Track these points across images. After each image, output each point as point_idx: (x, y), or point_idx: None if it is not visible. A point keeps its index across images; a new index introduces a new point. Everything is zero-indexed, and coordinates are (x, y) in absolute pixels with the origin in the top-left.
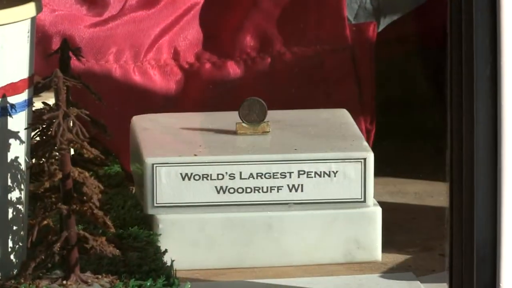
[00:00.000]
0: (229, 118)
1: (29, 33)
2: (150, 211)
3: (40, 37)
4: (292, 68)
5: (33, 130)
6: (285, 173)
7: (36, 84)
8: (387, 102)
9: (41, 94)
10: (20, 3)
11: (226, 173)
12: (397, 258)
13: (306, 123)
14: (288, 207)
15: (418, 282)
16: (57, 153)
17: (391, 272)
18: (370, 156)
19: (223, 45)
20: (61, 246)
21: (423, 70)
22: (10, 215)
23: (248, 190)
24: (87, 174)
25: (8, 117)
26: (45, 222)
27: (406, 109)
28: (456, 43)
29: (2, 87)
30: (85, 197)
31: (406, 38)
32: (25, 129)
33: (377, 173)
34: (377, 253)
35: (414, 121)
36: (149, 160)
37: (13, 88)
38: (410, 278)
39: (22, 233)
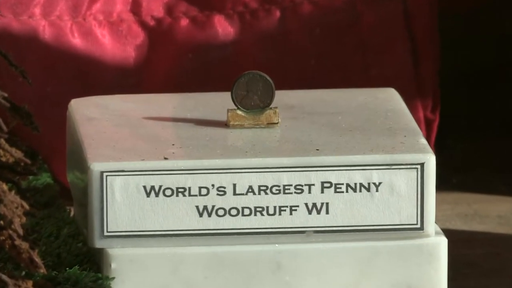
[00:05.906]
0: (218, 103)
1: None
2: (98, 244)
3: None
4: (312, 27)
5: None
6: (301, 186)
7: None
8: (456, 78)
9: None
10: None
11: (213, 186)
12: None
13: (333, 110)
14: (305, 236)
15: None
16: None
17: None
18: (431, 160)
19: None
20: None
21: (509, 30)
22: None
23: (246, 211)
24: (5, 187)
25: None
26: None
27: (484, 90)
28: None
29: None
30: (2, 222)
31: None
32: None
33: (442, 186)
34: None
35: (496, 107)
36: (95, 166)
37: None
38: None
39: None
